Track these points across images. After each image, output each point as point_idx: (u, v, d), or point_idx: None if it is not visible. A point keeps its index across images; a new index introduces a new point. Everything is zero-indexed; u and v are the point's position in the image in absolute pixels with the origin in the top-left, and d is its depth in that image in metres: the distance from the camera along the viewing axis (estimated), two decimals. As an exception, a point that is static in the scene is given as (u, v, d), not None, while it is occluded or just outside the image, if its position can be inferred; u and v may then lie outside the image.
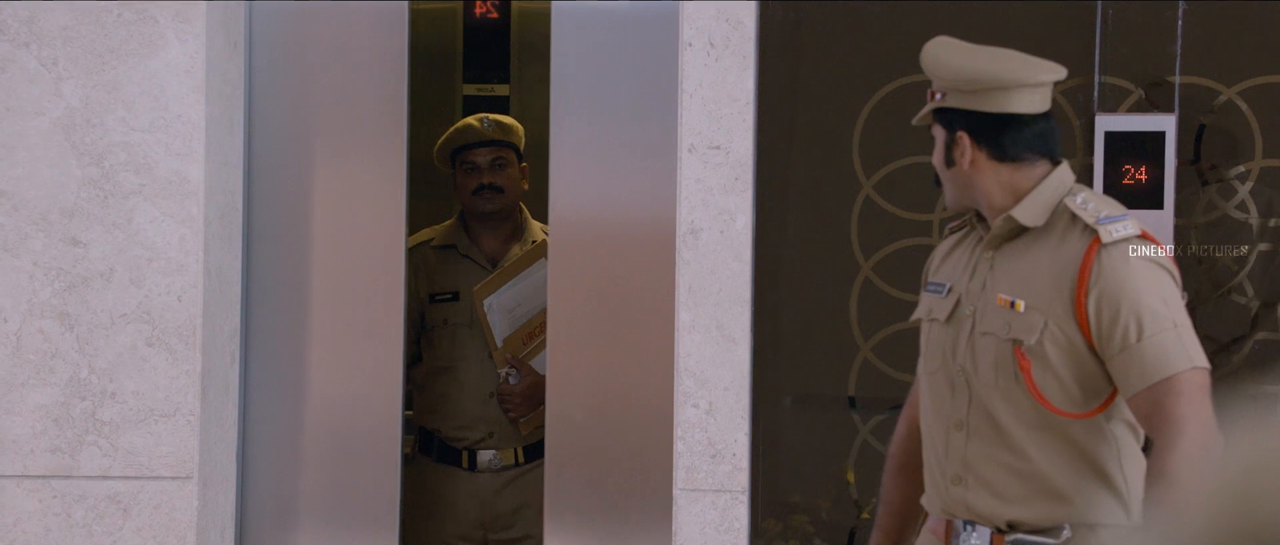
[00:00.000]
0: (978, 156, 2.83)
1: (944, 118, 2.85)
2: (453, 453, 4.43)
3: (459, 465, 4.41)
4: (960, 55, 2.89)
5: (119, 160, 4.17)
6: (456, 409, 4.40)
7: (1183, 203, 4.09)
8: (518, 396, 4.35)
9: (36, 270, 4.18)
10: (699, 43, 4.08)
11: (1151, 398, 2.67)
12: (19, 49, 4.17)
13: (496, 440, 4.40)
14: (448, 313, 4.42)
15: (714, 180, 4.07)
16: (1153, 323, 2.70)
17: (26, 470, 4.17)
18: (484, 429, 4.41)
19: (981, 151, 2.82)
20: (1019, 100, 2.83)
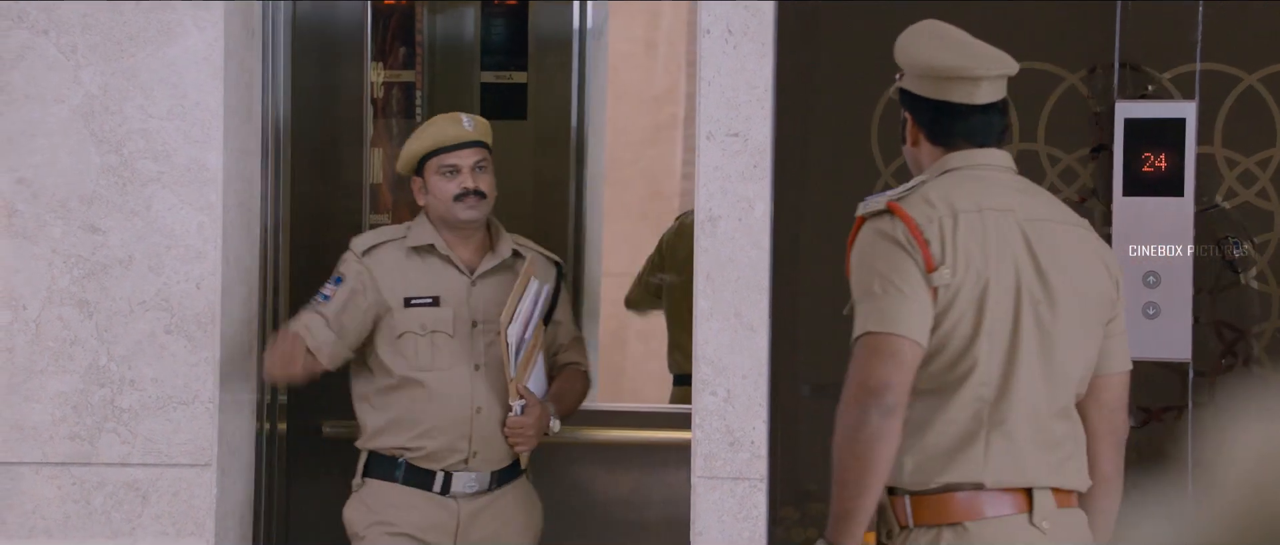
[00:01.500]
0: (920, 138, 3.03)
1: (902, 98, 3.07)
2: (423, 475, 4.06)
3: (428, 488, 4.05)
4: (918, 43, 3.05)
5: (138, 148, 4.17)
6: (433, 426, 4.04)
7: (1203, 189, 4.08)
8: (530, 427, 4.06)
9: (56, 257, 4.18)
10: (717, 30, 4.07)
11: None
12: (38, 36, 4.17)
13: (480, 462, 4.07)
14: (426, 319, 4.05)
15: (732, 168, 4.06)
16: (858, 291, 2.94)
17: (46, 457, 4.19)
18: (465, 450, 4.06)
19: (922, 133, 3.02)
20: (957, 90, 2.98)
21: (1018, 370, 2.91)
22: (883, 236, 2.91)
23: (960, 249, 2.90)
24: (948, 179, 2.98)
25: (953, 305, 2.89)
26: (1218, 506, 1.30)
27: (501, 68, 5.63)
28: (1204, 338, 4.09)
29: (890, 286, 2.87)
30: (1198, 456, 4.09)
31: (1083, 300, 2.97)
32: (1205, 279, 4.09)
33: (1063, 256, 2.97)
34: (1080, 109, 4.12)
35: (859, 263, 2.94)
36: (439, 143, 4.09)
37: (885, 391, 2.82)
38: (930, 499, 2.87)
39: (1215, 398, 4.09)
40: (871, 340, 2.87)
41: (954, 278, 2.88)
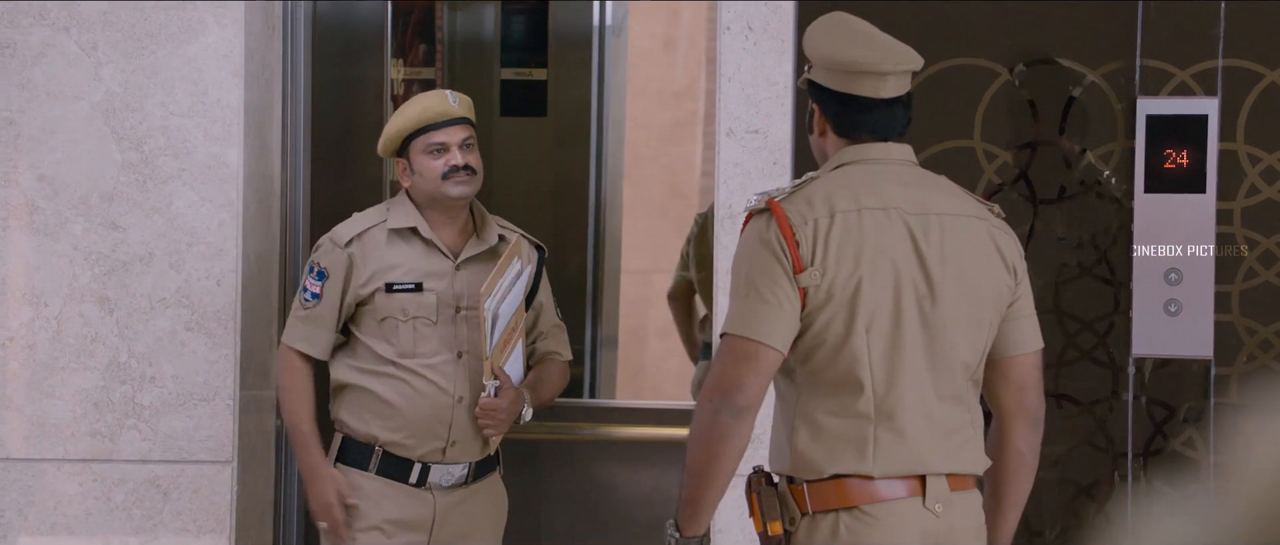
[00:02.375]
0: (826, 128, 3.07)
1: (810, 89, 3.10)
2: (400, 465, 3.93)
3: (405, 480, 3.93)
4: (827, 36, 3.09)
5: (158, 145, 4.18)
6: (413, 416, 3.90)
7: (1225, 186, 4.06)
8: (502, 411, 3.90)
9: (77, 254, 4.19)
10: (737, 27, 4.06)
11: None
12: (59, 33, 4.18)
13: (458, 452, 3.93)
14: (408, 304, 3.91)
15: (752, 164, 4.06)
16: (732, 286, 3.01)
17: (67, 454, 4.20)
18: (445, 439, 3.92)
19: (828, 124, 3.07)
20: (863, 84, 3.04)
21: (902, 363, 2.97)
22: (758, 238, 2.98)
23: (832, 249, 2.95)
24: (838, 175, 3.03)
25: (826, 303, 2.95)
26: (1239, 504, 1.30)
27: (521, 64, 5.64)
28: (1225, 335, 4.08)
29: (754, 292, 2.95)
30: (1219, 454, 4.07)
31: (971, 290, 3.02)
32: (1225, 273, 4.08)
33: (950, 249, 3.01)
34: (1102, 105, 4.11)
35: (737, 259, 3.01)
36: (425, 120, 3.92)
37: (737, 393, 2.93)
38: (824, 485, 2.96)
39: (1237, 395, 4.08)
40: (732, 342, 2.95)
41: (823, 278, 2.94)
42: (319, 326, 3.92)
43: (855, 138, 3.05)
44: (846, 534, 2.95)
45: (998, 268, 3.07)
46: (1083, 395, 4.11)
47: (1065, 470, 4.12)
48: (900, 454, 2.97)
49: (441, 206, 3.93)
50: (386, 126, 3.98)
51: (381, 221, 3.94)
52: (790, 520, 3.00)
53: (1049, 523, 4.13)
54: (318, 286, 3.92)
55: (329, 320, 3.92)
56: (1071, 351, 4.12)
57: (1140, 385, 4.10)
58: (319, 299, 3.91)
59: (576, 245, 5.65)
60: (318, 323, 3.92)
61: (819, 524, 2.96)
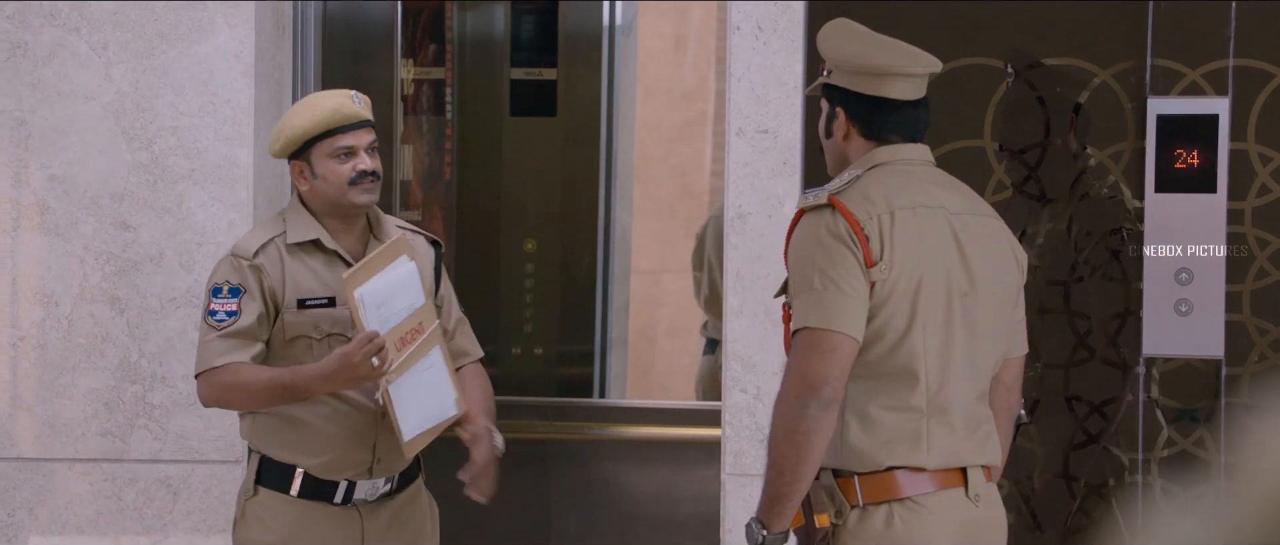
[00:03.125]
0: (851, 132, 3.12)
1: (828, 93, 3.14)
2: (323, 486, 3.63)
3: (329, 499, 3.63)
4: (851, 40, 3.17)
5: (169, 145, 4.19)
6: (336, 437, 3.61)
7: (1236, 186, 4.06)
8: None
9: (87, 254, 4.20)
10: (747, 27, 4.06)
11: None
12: (70, 34, 4.19)
13: (383, 467, 3.64)
14: (321, 321, 3.60)
15: (762, 164, 4.06)
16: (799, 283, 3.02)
17: (78, 453, 4.20)
18: (368, 460, 3.63)
19: (855, 128, 3.11)
20: (893, 87, 3.10)
21: (951, 360, 3.05)
22: (825, 231, 3.01)
23: (897, 244, 3.01)
24: (879, 174, 3.08)
25: (888, 299, 3.01)
26: (1251, 504, 1.30)
27: (531, 64, 5.64)
28: (1236, 335, 4.07)
29: (830, 283, 2.98)
30: (1230, 455, 4.07)
31: (999, 290, 3.11)
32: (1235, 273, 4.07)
33: (981, 249, 3.09)
34: (1113, 105, 4.10)
35: (800, 255, 3.03)
36: (334, 122, 3.61)
37: (824, 385, 2.95)
38: (877, 478, 3.01)
39: (1248, 395, 4.07)
40: (812, 335, 2.97)
41: (891, 273, 3.00)
42: (243, 339, 3.57)
43: (883, 139, 3.11)
44: (900, 525, 3.00)
45: (1013, 268, 3.16)
46: (1093, 395, 4.11)
47: (1076, 470, 4.12)
48: (949, 446, 3.04)
49: (343, 214, 3.64)
50: (283, 125, 3.66)
51: (278, 235, 3.63)
52: (838, 513, 3.03)
53: (1059, 523, 4.13)
54: (233, 303, 3.57)
55: (253, 333, 3.58)
56: (1082, 351, 4.12)
57: (1151, 385, 4.10)
58: (236, 316, 3.57)
59: (586, 245, 5.65)
60: (242, 336, 3.56)
61: (871, 515, 3.01)
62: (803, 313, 2.98)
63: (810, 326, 2.97)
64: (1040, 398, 4.13)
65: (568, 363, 5.44)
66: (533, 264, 5.45)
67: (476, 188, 5.51)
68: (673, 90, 6.61)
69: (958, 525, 3.04)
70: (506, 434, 3.74)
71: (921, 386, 3.02)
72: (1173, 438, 4.10)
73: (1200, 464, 4.09)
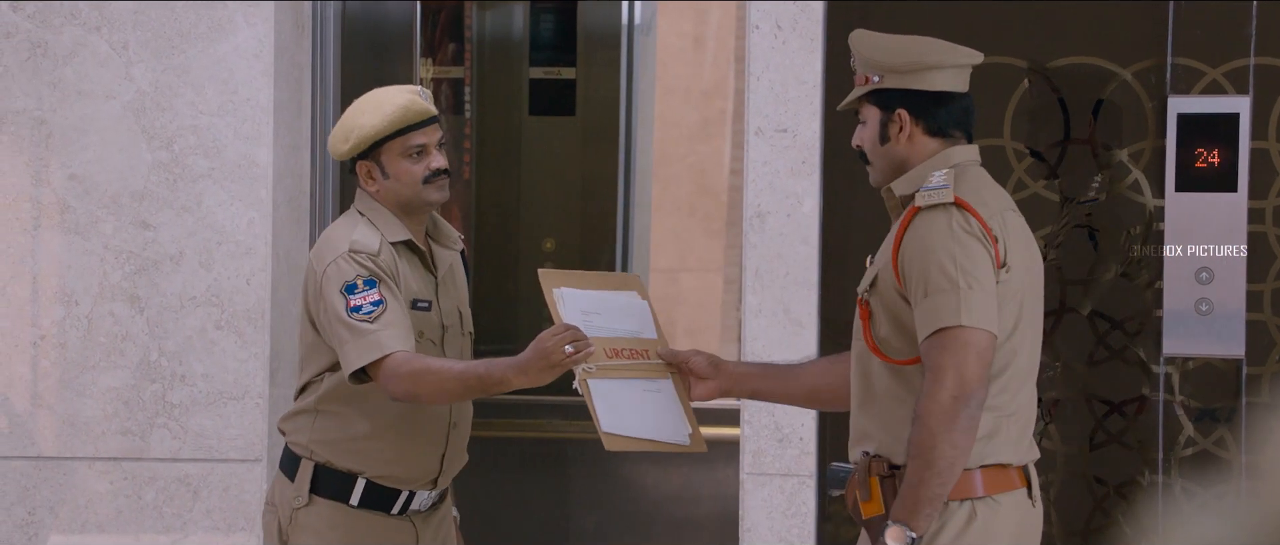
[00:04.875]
0: (915, 131, 3.10)
1: (881, 98, 3.13)
2: (385, 495, 3.50)
3: (387, 509, 3.50)
4: (892, 41, 3.17)
5: (188, 144, 4.19)
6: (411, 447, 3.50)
7: (1256, 185, 4.05)
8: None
9: (107, 253, 4.21)
10: (766, 25, 4.06)
11: (927, 348, 2.97)
12: (90, 33, 4.20)
13: (444, 479, 3.55)
14: (422, 324, 3.48)
15: (781, 163, 4.05)
16: (938, 281, 2.96)
17: (98, 452, 4.21)
18: (436, 470, 3.53)
19: (919, 126, 3.10)
20: (946, 79, 3.12)
21: (1033, 358, 3.07)
22: (960, 230, 2.99)
23: (1012, 247, 3.02)
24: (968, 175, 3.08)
25: (1005, 302, 3.00)
26: (1271, 503, 1.29)
27: (550, 63, 5.64)
28: (1256, 334, 4.06)
29: (975, 281, 2.96)
30: (1251, 454, 4.06)
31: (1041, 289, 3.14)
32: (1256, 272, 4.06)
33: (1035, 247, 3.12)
34: (1133, 103, 4.09)
35: (933, 251, 2.98)
36: (407, 120, 3.48)
37: (981, 387, 2.94)
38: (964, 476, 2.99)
39: (1269, 394, 4.06)
40: (967, 335, 2.94)
41: (1011, 275, 3.00)
42: (400, 325, 3.37)
43: (948, 135, 3.10)
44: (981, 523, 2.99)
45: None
46: (1113, 395, 4.10)
47: (1096, 470, 4.11)
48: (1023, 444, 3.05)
49: (413, 212, 3.51)
50: (350, 126, 3.51)
51: (381, 235, 3.47)
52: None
53: (1080, 522, 4.12)
54: (374, 293, 3.39)
55: (405, 318, 3.39)
56: (1102, 351, 4.11)
57: (1171, 385, 4.08)
58: (383, 305, 3.38)
59: (605, 243, 5.65)
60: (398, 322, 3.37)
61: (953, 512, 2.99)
62: (950, 311, 2.93)
63: (966, 325, 2.93)
64: (1060, 398, 4.12)
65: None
66: (552, 262, 5.45)
67: (496, 186, 5.51)
68: (691, 89, 6.61)
69: (1016, 525, 3.05)
70: (526, 433, 3.73)
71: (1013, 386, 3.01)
72: (1193, 437, 4.08)
73: (1221, 463, 4.07)
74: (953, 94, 3.12)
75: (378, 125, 3.48)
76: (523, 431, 3.64)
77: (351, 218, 3.50)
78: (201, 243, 4.19)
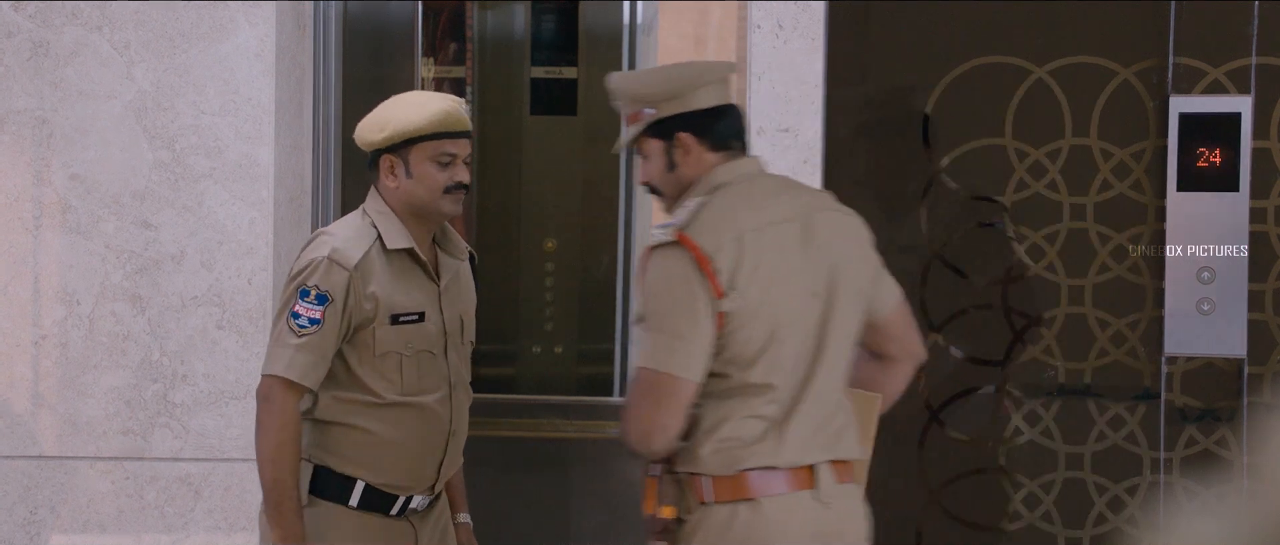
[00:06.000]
0: (699, 151, 3.17)
1: (661, 128, 3.19)
2: (383, 498, 3.47)
3: (386, 512, 3.48)
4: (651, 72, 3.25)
5: (190, 143, 4.20)
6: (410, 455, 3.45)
7: (1258, 185, 4.05)
8: None
9: (109, 253, 4.21)
10: (768, 25, 4.06)
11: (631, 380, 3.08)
12: (91, 33, 4.20)
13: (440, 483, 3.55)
14: (412, 337, 3.43)
15: (783, 163, 4.05)
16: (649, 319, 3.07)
17: (99, 451, 4.21)
18: (434, 477, 3.51)
19: (703, 145, 3.16)
20: (712, 94, 3.18)
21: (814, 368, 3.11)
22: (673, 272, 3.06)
23: (746, 269, 3.06)
24: (723, 196, 3.14)
25: (746, 324, 3.06)
26: (1273, 504, 1.29)
27: (551, 63, 5.64)
28: (1258, 334, 4.06)
29: (673, 328, 3.04)
30: (1252, 454, 4.06)
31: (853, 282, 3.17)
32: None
33: (835, 245, 3.15)
34: (1134, 103, 4.09)
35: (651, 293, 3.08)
36: (445, 126, 3.45)
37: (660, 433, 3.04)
38: (729, 480, 3.07)
39: (1271, 394, 4.06)
40: (655, 378, 3.04)
41: (744, 299, 3.04)
42: (319, 356, 3.36)
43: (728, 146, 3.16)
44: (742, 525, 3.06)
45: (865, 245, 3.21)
46: (1115, 395, 4.10)
47: (1098, 469, 4.11)
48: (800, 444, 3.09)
49: (424, 219, 3.46)
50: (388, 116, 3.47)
51: (374, 241, 3.42)
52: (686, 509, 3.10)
53: (1082, 522, 4.12)
54: (318, 311, 3.36)
55: (328, 350, 3.37)
56: (1104, 351, 4.11)
57: (1173, 385, 4.08)
58: (319, 325, 3.35)
59: (606, 244, 5.65)
60: (317, 351, 3.35)
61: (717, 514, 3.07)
62: (650, 354, 3.05)
63: (659, 370, 3.04)
64: (1062, 398, 4.12)
65: (588, 361, 5.44)
66: (553, 263, 5.46)
67: (497, 187, 5.51)
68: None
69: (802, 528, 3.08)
70: (528, 433, 3.73)
71: (778, 395, 3.08)
72: (1195, 437, 4.08)
73: (1222, 463, 4.07)
74: (723, 107, 3.17)
75: (418, 122, 3.43)
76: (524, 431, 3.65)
77: (356, 219, 3.46)
78: (203, 242, 4.19)
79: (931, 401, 4.19)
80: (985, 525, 4.17)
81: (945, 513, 4.18)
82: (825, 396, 3.12)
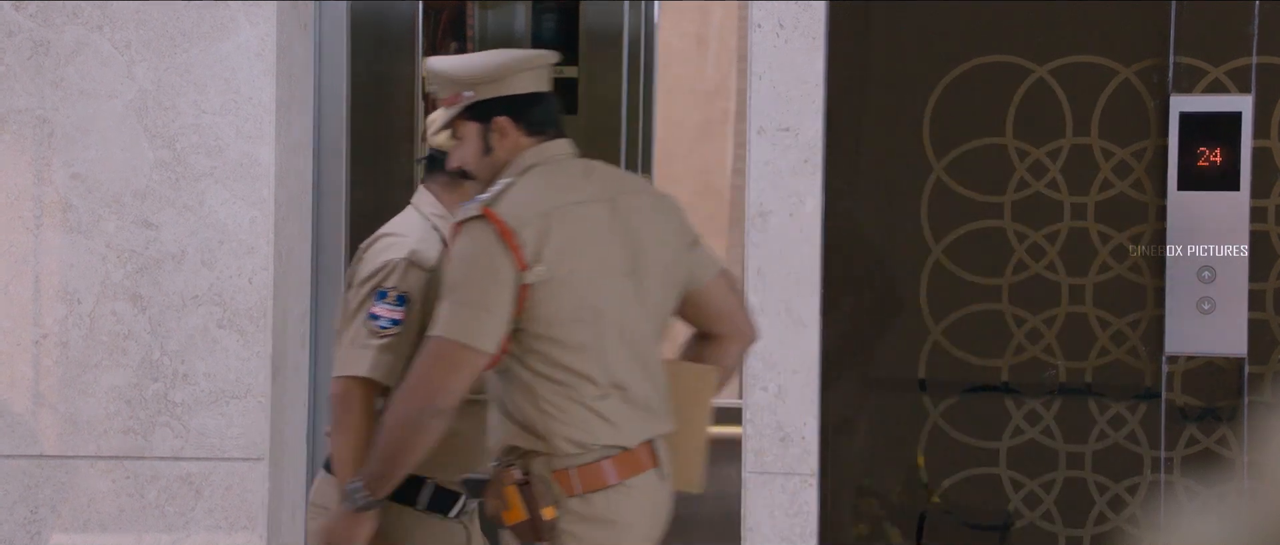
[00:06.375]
0: (516, 135, 3.24)
1: (478, 111, 3.25)
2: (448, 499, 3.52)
3: (447, 513, 3.51)
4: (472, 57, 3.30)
5: (190, 143, 4.20)
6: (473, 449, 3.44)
7: (1259, 184, 4.04)
8: None
9: (109, 252, 4.21)
10: (768, 24, 4.06)
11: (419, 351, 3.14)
12: (92, 32, 4.20)
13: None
14: None
15: (783, 162, 4.05)
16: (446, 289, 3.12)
17: (100, 451, 4.21)
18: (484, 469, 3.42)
19: (520, 129, 3.23)
20: (531, 80, 3.25)
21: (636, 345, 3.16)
22: (478, 243, 3.10)
23: (552, 244, 3.11)
24: (532, 177, 3.20)
25: (553, 296, 3.10)
26: (1274, 503, 1.29)
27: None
28: (1258, 333, 4.06)
29: (469, 298, 3.08)
30: (1253, 453, 4.05)
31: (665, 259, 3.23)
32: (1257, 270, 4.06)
33: (643, 225, 3.21)
34: (1135, 102, 4.09)
35: (454, 265, 3.13)
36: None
37: (443, 396, 3.08)
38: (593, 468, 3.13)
39: (1271, 393, 4.06)
40: (444, 347, 3.08)
41: (550, 273, 3.09)
42: (399, 357, 3.37)
43: (544, 132, 3.23)
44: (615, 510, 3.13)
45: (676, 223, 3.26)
46: (1116, 394, 4.10)
47: (1099, 468, 4.11)
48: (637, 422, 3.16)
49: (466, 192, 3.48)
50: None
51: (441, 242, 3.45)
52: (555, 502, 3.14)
53: (1082, 521, 4.12)
54: (398, 312, 3.39)
55: (408, 352, 3.36)
56: (1104, 350, 4.11)
57: (1173, 384, 4.08)
58: (400, 326, 3.38)
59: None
60: (398, 352, 3.37)
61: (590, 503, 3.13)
62: (442, 321, 3.08)
63: (444, 337, 3.07)
64: (1063, 397, 4.12)
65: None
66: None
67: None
68: (694, 89, 6.61)
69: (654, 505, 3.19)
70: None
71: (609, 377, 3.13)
72: (1195, 436, 4.08)
73: (1223, 462, 4.07)
74: (540, 93, 3.25)
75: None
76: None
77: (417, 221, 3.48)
78: (203, 241, 4.19)
79: (932, 401, 4.20)
80: (985, 524, 4.17)
81: (945, 512, 4.18)
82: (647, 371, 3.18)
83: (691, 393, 3.28)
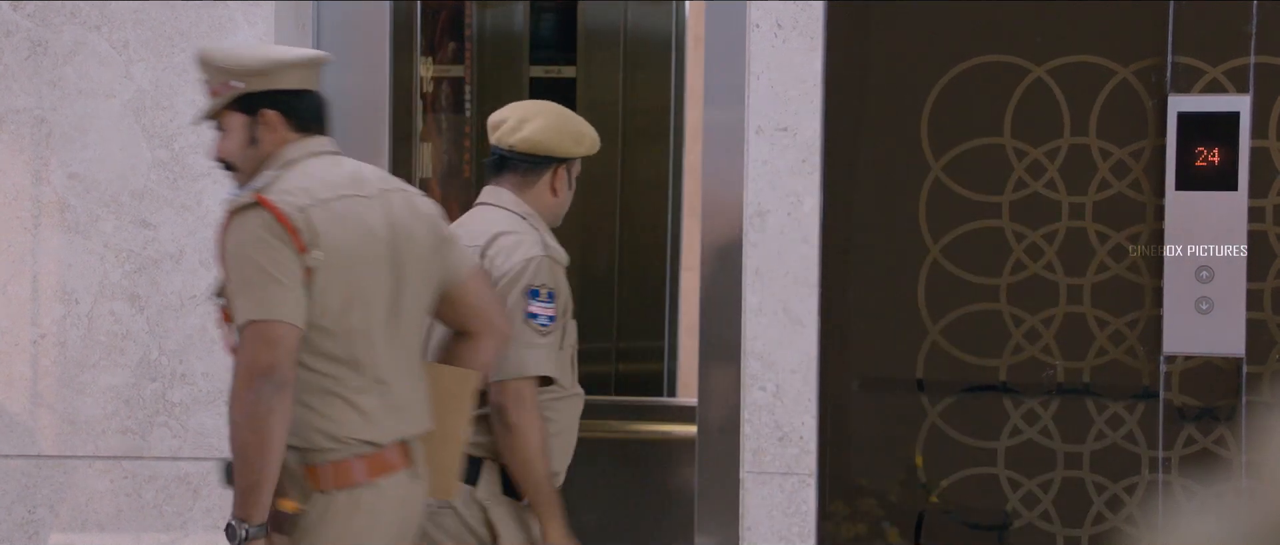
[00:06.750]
0: (282, 129, 3.27)
1: (246, 103, 3.27)
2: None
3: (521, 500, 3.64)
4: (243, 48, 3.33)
5: (189, 142, 4.19)
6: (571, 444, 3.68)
7: (1257, 184, 4.05)
8: None
9: (107, 252, 4.21)
10: (767, 24, 4.06)
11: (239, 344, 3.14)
12: (90, 32, 4.20)
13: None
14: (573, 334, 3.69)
15: (782, 162, 4.05)
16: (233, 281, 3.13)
17: (98, 451, 4.21)
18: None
19: (287, 124, 3.27)
20: (300, 77, 3.28)
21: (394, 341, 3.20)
22: (257, 227, 3.13)
23: (323, 233, 3.14)
24: (302, 168, 3.24)
25: (328, 284, 3.14)
26: (1272, 502, 1.29)
27: (551, 62, 5.64)
28: (1257, 333, 4.06)
29: (267, 276, 3.10)
30: (1251, 452, 4.06)
31: (424, 256, 3.28)
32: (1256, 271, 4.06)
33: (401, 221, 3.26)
34: (1133, 102, 4.09)
35: (235, 255, 3.14)
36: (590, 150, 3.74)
37: (273, 370, 3.07)
38: (344, 465, 3.15)
39: (1269, 393, 4.06)
40: (256, 328, 3.09)
41: (324, 261, 3.13)
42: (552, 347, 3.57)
43: (309, 129, 3.27)
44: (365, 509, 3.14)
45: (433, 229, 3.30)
46: (1114, 394, 4.10)
47: (1097, 468, 4.11)
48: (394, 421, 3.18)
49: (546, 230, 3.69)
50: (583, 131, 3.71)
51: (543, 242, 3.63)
52: (305, 498, 3.15)
53: (1080, 521, 4.12)
54: (551, 308, 3.56)
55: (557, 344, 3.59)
56: (1102, 350, 4.11)
57: (1171, 383, 4.09)
58: (555, 322, 3.56)
59: (604, 242, 5.65)
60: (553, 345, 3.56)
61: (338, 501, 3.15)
62: (246, 308, 3.09)
63: (254, 319, 3.08)
64: (1061, 397, 4.12)
65: (582, 359, 5.45)
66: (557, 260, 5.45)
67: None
68: (694, 88, 6.60)
69: (405, 504, 3.21)
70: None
71: (368, 370, 3.16)
72: (1193, 436, 4.08)
73: (1221, 462, 4.08)
74: (307, 91, 3.27)
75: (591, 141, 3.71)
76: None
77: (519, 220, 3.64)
78: (202, 241, 4.19)
79: (930, 400, 4.20)
80: (983, 524, 4.17)
81: (943, 512, 4.19)
82: (408, 369, 3.21)
83: (450, 396, 3.31)
